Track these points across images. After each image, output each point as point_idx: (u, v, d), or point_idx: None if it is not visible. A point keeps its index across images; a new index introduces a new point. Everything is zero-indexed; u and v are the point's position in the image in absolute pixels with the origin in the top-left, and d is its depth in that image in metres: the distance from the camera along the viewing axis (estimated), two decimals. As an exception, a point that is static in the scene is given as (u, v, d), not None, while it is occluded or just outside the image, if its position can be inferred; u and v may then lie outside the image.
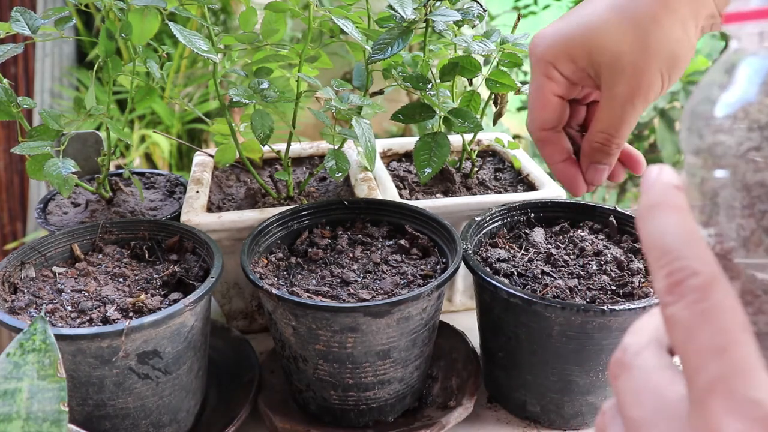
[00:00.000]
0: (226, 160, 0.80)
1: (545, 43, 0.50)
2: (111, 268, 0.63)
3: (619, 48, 0.47)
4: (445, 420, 0.60)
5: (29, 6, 2.16)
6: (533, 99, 0.53)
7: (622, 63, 0.48)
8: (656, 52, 0.47)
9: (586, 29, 0.48)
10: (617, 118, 0.50)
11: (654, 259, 0.24)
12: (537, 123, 0.54)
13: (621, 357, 0.27)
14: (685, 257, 0.23)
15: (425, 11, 0.68)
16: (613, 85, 0.49)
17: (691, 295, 0.22)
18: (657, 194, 0.25)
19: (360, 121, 0.67)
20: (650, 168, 0.26)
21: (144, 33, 0.65)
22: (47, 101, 2.21)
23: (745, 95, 0.23)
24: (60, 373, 0.40)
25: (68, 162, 0.61)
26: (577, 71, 0.50)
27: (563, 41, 0.49)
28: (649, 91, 0.49)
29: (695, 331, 0.22)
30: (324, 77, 0.67)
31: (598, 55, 0.48)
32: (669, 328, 0.23)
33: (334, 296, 0.58)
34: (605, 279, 0.61)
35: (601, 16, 0.48)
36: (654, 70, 0.48)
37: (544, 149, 0.55)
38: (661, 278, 0.24)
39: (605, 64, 0.48)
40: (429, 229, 0.66)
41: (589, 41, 0.48)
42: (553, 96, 0.52)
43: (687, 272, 0.23)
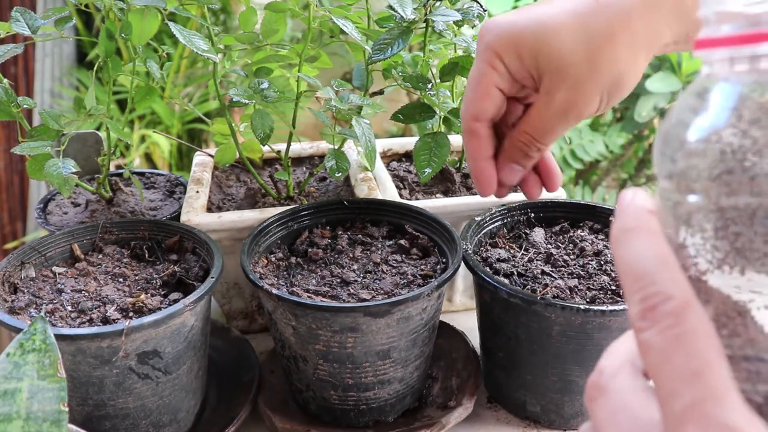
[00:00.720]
0: (226, 160, 0.80)
1: (496, 32, 0.48)
2: (111, 268, 0.63)
3: (567, 59, 0.46)
4: (445, 420, 0.60)
5: (29, 6, 2.16)
6: (473, 87, 0.50)
7: (566, 74, 0.46)
8: (602, 73, 0.46)
9: (539, 29, 0.46)
10: (547, 124, 0.49)
11: (628, 284, 0.24)
12: (472, 112, 0.51)
13: (597, 380, 0.27)
14: (659, 282, 0.23)
15: (425, 11, 0.68)
16: (552, 93, 0.47)
17: (665, 320, 0.22)
18: (631, 218, 0.25)
19: (360, 121, 0.67)
20: (624, 192, 0.26)
21: (144, 33, 0.65)
22: (47, 101, 2.21)
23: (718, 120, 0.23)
24: (60, 373, 0.40)
25: (68, 162, 0.61)
26: (521, 69, 0.48)
27: (514, 35, 0.47)
28: (585, 109, 0.48)
29: (669, 356, 0.22)
30: (324, 77, 0.67)
31: (545, 59, 0.47)
32: (643, 353, 0.23)
33: (334, 296, 0.58)
34: (605, 279, 0.61)
35: (558, 19, 0.46)
36: (596, 89, 0.47)
37: (471, 141, 0.52)
38: (635, 303, 0.23)
39: (549, 69, 0.47)
40: (429, 229, 0.66)
41: (540, 43, 0.46)
42: (493, 87, 0.49)
43: (661, 297, 0.23)
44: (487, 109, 0.50)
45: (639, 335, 0.23)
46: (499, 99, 0.50)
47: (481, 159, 0.52)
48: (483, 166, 0.52)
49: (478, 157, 0.52)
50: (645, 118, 1.86)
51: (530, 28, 0.47)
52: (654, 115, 1.91)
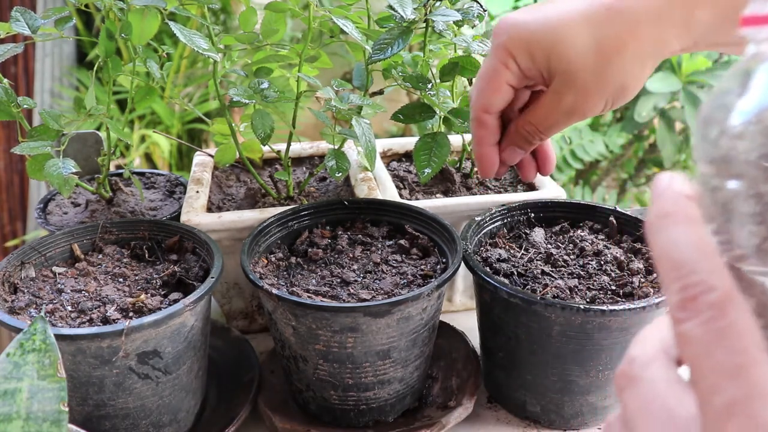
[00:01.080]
0: (226, 160, 0.80)
1: (510, 31, 0.50)
2: (111, 268, 0.63)
3: (576, 64, 0.48)
4: (445, 420, 0.60)
5: (29, 6, 2.16)
6: (485, 82, 0.52)
7: (575, 79, 0.48)
8: (609, 82, 0.48)
9: (552, 34, 0.48)
10: (552, 121, 0.52)
11: (666, 272, 0.23)
12: (483, 105, 0.53)
13: (628, 369, 0.26)
14: (700, 271, 0.22)
15: (425, 11, 0.68)
16: (559, 94, 0.49)
17: (706, 312, 0.22)
18: (668, 204, 0.24)
19: (360, 121, 0.67)
20: (660, 176, 0.25)
21: (144, 33, 0.65)
22: (47, 101, 2.21)
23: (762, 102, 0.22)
24: (60, 373, 0.40)
25: (68, 162, 0.61)
26: (532, 68, 0.50)
27: (527, 36, 0.49)
28: (590, 111, 0.50)
29: (711, 350, 0.21)
30: (324, 77, 0.67)
31: (556, 61, 0.48)
32: (682, 345, 0.22)
33: (334, 296, 0.58)
34: (605, 279, 0.61)
35: (572, 24, 0.48)
36: (601, 96, 0.49)
37: (480, 130, 0.55)
38: (674, 292, 0.23)
39: (560, 72, 0.49)
40: (429, 229, 0.66)
41: (552, 46, 0.48)
42: (505, 84, 0.51)
43: (702, 287, 0.22)
44: (497, 103, 0.53)
45: (678, 326, 0.23)
46: (509, 94, 0.53)
47: (486, 145, 0.56)
48: (487, 151, 0.56)
49: (485, 143, 0.55)
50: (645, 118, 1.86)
51: (544, 31, 0.48)
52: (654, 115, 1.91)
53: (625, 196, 2.31)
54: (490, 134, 0.55)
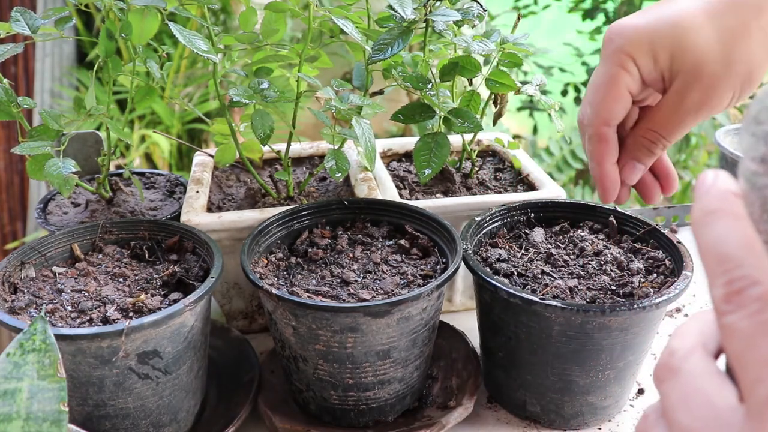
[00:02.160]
0: (226, 160, 0.80)
1: (628, 34, 0.47)
2: (111, 268, 0.63)
3: (703, 56, 0.46)
4: (445, 420, 0.60)
5: (29, 6, 2.16)
6: (605, 91, 0.49)
7: (702, 71, 0.46)
8: (737, 70, 0.46)
9: (673, 28, 0.46)
10: (678, 122, 0.49)
11: (712, 267, 0.24)
12: (604, 117, 0.50)
13: (668, 361, 0.26)
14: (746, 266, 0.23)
15: (425, 11, 0.68)
16: (686, 92, 0.47)
17: (752, 305, 0.22)
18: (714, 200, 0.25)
19: (360, 121, 0.67)
20: (705, 173, 0.26)
21: (144, 33, 0.65)
22: (47, 101, 2.21)
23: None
24: (60, 373, 0.40)
25: (68, 162, 0.61)
26: (653, 70, 0.48)
27: (648, 36, 0.47)
28: (718, 106, 0.48)
29: (756, 342, 0.22)
30: (324, 77, 0.67)
31: (680, 57, 0.46)
32: (726, 337, 0.23)
33: (334, 296, 0.58)
34: (605, 279, 0.61)
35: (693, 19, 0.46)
36: (730, 86, 0.47)
37: (600, 146, 0.51)
38: (720, 286, 0.23)
39: (685, 68, 0.46)
40: (429, 229, 0.66)
41: (677, 43, 0.46)
42: (626, 90, 0.49)
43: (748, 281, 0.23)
44: (618, 113, 0.50)
45: (723, 319, 0.23)
46: (629, 102, 0.50)
47: (608, 163, 0.52)
48: (610, 170, 0.52)
49: (606, 161, 0.52)
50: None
51: (666, 28, 0.46)
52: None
53: (625, 196, 2.30)
54: (611, 150, 0.51)
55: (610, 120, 0.50)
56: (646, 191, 0.55)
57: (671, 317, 0.82)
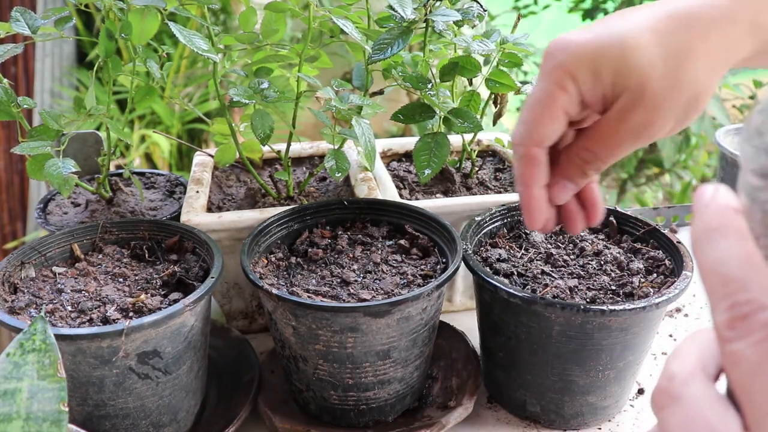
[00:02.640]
0: (226, 160, 0.80)
1: (570, 49, 0.44)
2: (111, 268, 0.63)
3: (648, 76, 0.43)
4: (445, 420, 0.60)
5: (29, 6, 2.16)
6: (540, 109, 0.46)
7: (645, 93, 0.43)
8: (682, 91, 0.44)
9: (619, 46, 0.43)
10: (617, 143, 0.46)
11: (714, 288, 0.23)
12: (536, 138, 0.46)
13: (667, 386, 0.25)
14: (751, 288, 0.22)
15: (425, 11, 0.68)
16: (629, 112, 0.44)
17: (758, 331, 0.21)
18: (715, 217, 0.23)
19: (360, 121, 0.67)
20: (704, 187, 0.24)
21: (144, 33, 0.65)
22: (47, 101, 2.21)
23: None
24: (60, 373, 0.40)
25: (68, 162, 0.61)
26: (594, 89, 0.45)
27: (592, 53, 0.44)
28: (660, 130, 0.45)
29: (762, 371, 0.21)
30: (324, 77, 0.67)
31: (625, 76, 0.43)
32: (730, 365, 0.22)
33: (334, 296, 0.58)
34: (605, 279, 0.61)
35: (638, 34, 0.43)
36: (674, 109, 0.44)
37: (528, 168, 0.47)
38: (723, 310, 0.22)
39: (629, 88, 0.44)
40: (429, 229, 0.66)
41: (620, 60, 0.43)
42: (562, 111, 0.45)
43: (753, 305, 0.21)
44: (551, 135, 0.47)
45: (727, 346, 0.22)
46: (564, 123, 0.46)
47: (536, 186, 0.48)
48: (537, 194, 0.48)
49: (533, 184, 0.48)
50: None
51: (611, 46, 0.44)
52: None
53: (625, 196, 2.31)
54: (540, 173, 0.47)
55: (542, 141, 0.46)
56: (570, 220, 0.52)
57: (671, 317, 0.82)
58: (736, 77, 1.85)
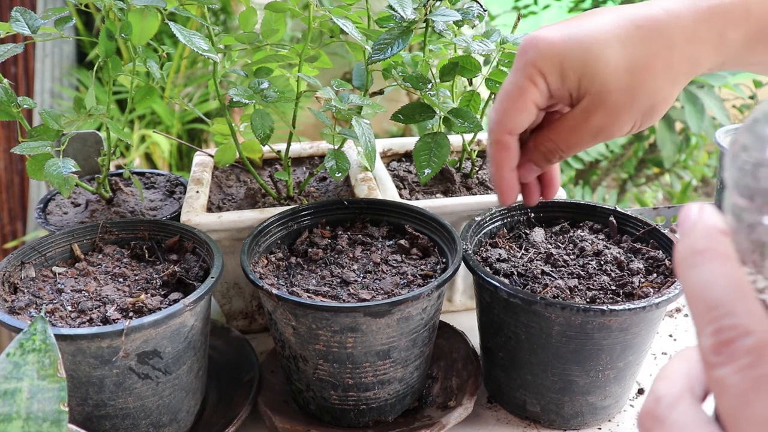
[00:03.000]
0: (226, 160, 0.80)
1: (541, 49, 0.47)
2: (111, 268, 0.63)
3: (610, 84, 0.46)
4: (445, 420, 0.60)
5: (29, 6, 2.16)
6: (510, 101, 0.49)
7: (607, 99, 0.47)
8: (640, 101, 0.47)
9: (585, 52, 0.46)
10: (576, 140, 0.50)
11: (699, 313, 0.22)
12: (507, 127, 0.50)
13: (654, 409, 0.25)
14: (736, 313, 0.21)
15: (425, 11, 0.68)
16: (589, 114, 0.48)
17: (743, 358, 0.21)
18: (701, 239, 0.23)
19: (360, 121, 0.67)
20: (689, 206, 0.24)
21: (144, 33, 0.65)
22: (47, 101, 2.21)
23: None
24: (60, 373, 0.40)
25: (68, 162, 0.61)
26: (561, 87, 0.48)
27: (560, 55, 0.47)
28: (617, 132, 0.49)
29: (749, 399, 0.21)
30: (324, 77, 0.67)
31: (589, 81, 0.47)
32: (716, 392, 0.22)
33: (334, 296, 0.58)
34: (605, 279, 0.61)
35: (603, 41, 0.46)
36: (631, 117, 0.47)
37: (500, 153, 0.52)
38: (708, 335, 0.22)
39: (592, 92, 0.47)
40: (429, 229, 0.66)
41: (585, 66, 0.46)
42: (532, 103, 0.49)
43: (739, 331, 0.21)
44: (522, 124, 0.50)
45: (712, 372, 0.22)
46: (533, 114, 0.50)
47: (507, 169, 0.53)
48: (508, 176, 0.53)
49: (505, 167, 0.53)
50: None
51: (578, 51, 0.46)
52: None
53: (625, 196, 2.31)
54: (511, 157, 0.52)
55: (513, 130, 0.51)
56: (527, 193, 0.57)
57: (671, 317, 0.82)
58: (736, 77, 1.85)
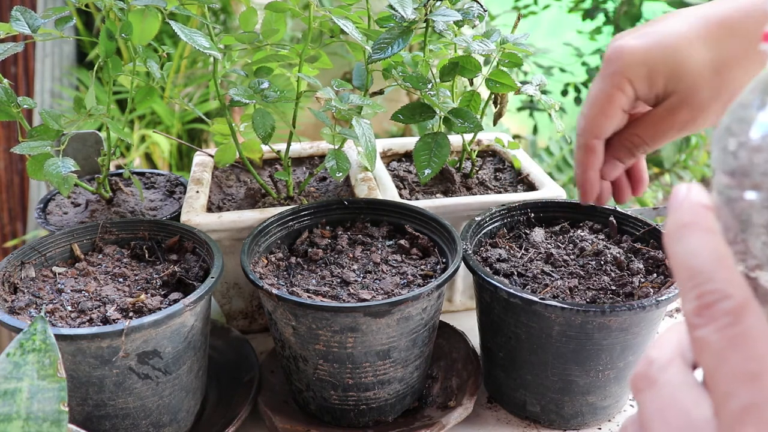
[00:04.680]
0: (226, 160, 0.80)
1: (628, 58, 0.50)
2: (111, 268, 0.63)
3: (697, 83, 0.48)
4: (445, 420, 0.60)
5: (29, 6, 2.16)
6: (599, 108, 0.52)
7: (694, 97, 0.49)
8: (725, 96, 0.49)
9: (671, 55, 0.48)
10: (662, 134, 0.52)
11: (683, 280, 0.24)
12: (595, 132, 0.53)
13: (646, 371, 0.26)
14: (717, 279, 0.23)
15: (425, 11, 0.68)
16: (676, 111, 0.50)
17: (722, 318, 0.22)
18: (687, 214, 0.25)
19: (360, 121, 0.67)
20: (678, 186, 0.26)
21: (144, 33, 0.65)
22: (47, 101, 2.21)
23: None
24: (60, 373, 0.40)
25: (68, 161, 0.61)
26: (648, 92, 0.50)
27: (646, 61, 0.49)
28: (701, 126, 0.50)
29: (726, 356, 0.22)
30: (324, 77, 0.67)
31: (675, 81, 0.49)
32: (697, 350, 0.23)
33: (334, 296, 0.58)
34: (605, 279, 0.61)
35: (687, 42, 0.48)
36: (717, 110, 0.49)
37: (587, 156, 0.54)
38: (691, 299, 0.23)
39: (678, 91, 0.49)
40: (429, 229, 0.66)
41: (672, 68, 0.49)
42: (619, 109, 0.52)
43: (718, 295, 0.23)
44: (609, 129, 0.53)
45: (694, 332, 0.23)
46: (621, 119, 0.53)
47: (592, 170, 0.55)
48: (592, 176, 0.56)
49: (591, 169, 0.55)
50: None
51: (663, 55, 0.49)
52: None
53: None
54: (597, 160, 0.55)
55: (600, 134, 0.53)
56: (618, 191, 0.60)
57: (671, 317, 0.82)
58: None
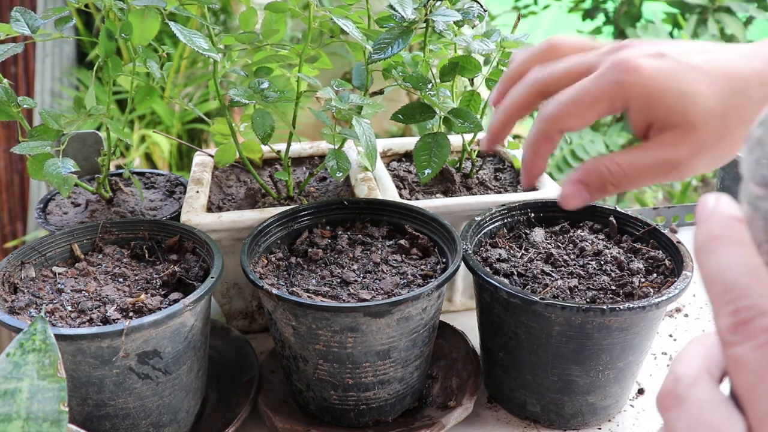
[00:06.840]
0: (226, 160, 0.80)
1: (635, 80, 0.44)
2: (111, 268, 0.63)
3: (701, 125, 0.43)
4: (445, 420, 0.60)
5: (29, 6, 2.16)
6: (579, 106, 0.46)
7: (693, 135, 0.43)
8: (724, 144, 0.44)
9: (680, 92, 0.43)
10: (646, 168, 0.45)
11: (716, 295, 0.23)
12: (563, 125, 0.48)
13: (673, 388, 0.26)
14: (752, 295, 0.22)
15: (425, 11, 0.68)
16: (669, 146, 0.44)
17: (760, 336, 0.22)
18: (718, 226, 0.24)
19: (360, 120, 0.67)
20: (706, 197, 0.25)
21: (144, 33, 0.65)
22: (47, 101, 2.21)
23: None
24: (60, 373, 0.40)
25: (68, 161, 0.61)
26: (642, 118, 0.45)
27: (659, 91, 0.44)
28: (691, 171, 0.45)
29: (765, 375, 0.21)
30: (324, 77, 0.67)
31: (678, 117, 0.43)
32: (733, 369, 0.23)
33: (334, 296, 0.58)
34: (605, 279, 0.61)
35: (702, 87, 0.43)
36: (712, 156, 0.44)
37: (545, 144, 0.49)
38: (726, 315, 0.23)
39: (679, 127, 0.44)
40: (429, 229, 0.66)
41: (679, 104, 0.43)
42: (596, 116, 0.47)
43: (755, 311, 0.22)
44: (577, 127, 0.48)
45: (729, 350, 0.23)
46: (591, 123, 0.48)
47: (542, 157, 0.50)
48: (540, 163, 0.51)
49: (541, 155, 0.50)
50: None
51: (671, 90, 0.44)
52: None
53: (625, 196, 2.31)
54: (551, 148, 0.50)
55: (566, 129, 0.48)
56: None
57: (671, 317, 0.82)
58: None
